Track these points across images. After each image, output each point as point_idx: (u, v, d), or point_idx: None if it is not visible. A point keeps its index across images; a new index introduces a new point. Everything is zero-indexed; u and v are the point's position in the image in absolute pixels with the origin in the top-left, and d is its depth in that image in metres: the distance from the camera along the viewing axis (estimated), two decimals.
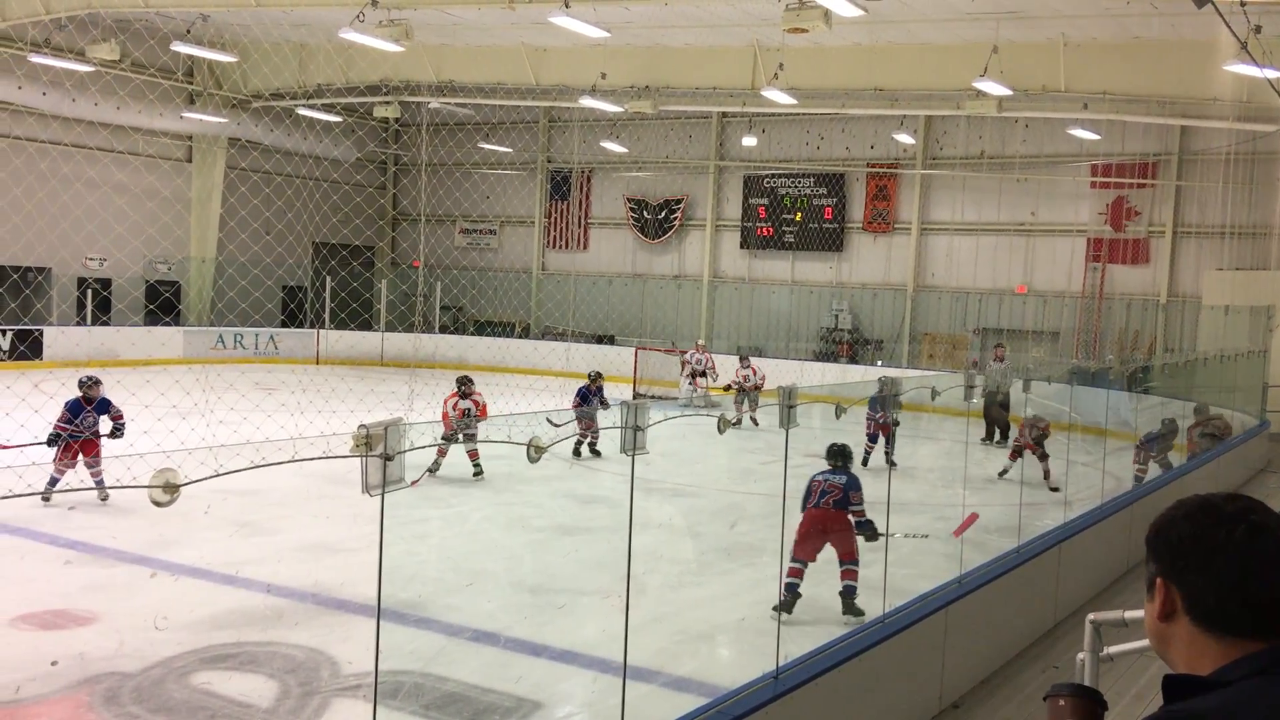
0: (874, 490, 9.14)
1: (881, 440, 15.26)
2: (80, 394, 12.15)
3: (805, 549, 8.66)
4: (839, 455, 9.20)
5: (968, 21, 20.16)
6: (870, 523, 8.66)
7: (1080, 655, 4.46)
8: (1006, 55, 19.92)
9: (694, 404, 22.91)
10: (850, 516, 8.71)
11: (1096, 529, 10.01)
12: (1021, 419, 15.18)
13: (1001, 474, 14.99)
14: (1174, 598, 1.68)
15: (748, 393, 21.70)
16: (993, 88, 19.88)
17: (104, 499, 11.48)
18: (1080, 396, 15.04)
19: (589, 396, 17.40)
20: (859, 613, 8.24)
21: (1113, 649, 4.57)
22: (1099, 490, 11.77)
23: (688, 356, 24.52)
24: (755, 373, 22.24)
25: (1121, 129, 25.98)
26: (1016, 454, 14.94)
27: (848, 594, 8.55)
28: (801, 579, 8.61)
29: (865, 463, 15.09)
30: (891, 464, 10.21)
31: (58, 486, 11.38)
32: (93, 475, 11.60)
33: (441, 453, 13.42)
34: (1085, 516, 10.30)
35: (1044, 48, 21.13)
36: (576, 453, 15.92)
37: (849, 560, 8.69)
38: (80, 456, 11.72)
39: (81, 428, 11.73)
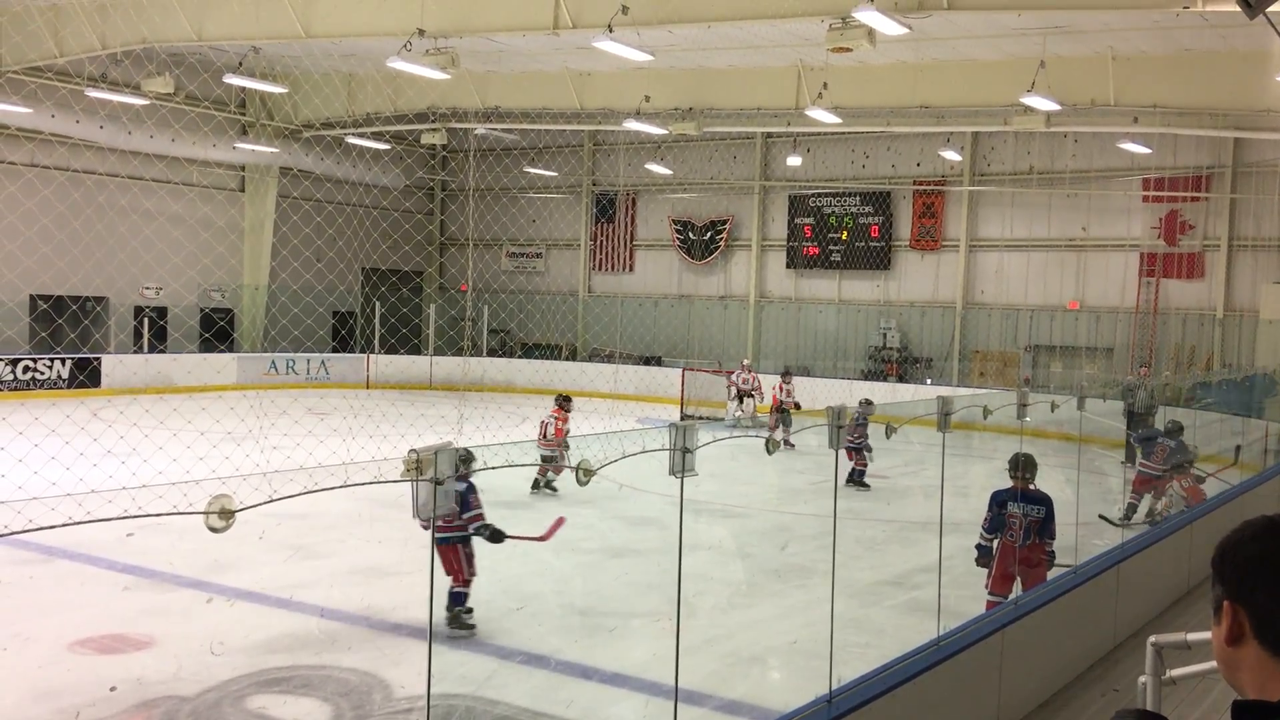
0: (927, 509, 9.03)
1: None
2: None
3: (1006, 585, 8.31)
4: (1028, 467, 8.34)
5: (1014, 37, 20.01)
6: (1054, 552, 8.42)
7: (1142, 678, 4.37)
8: (1054, 70, 19.74)
9: (741, 425, 22.85)
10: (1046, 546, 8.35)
11: (1156, 548, 9.82)
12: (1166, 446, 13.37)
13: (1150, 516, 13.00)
14: (1242, 621, 1.64)
15: (784, 413, 21.44)
16: (1041, 103, 19.69)
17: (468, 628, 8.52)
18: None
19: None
20: None
21: (1175, 672, 4.48)
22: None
23: (734, 377, 24.46)
24: (791, 392, 21.93)
25: (1173, 142, 25.63)
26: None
27: None
28: None
29: (1129, 517, 12.95)
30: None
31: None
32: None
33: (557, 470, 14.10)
34: (1144, 536, 10.11)
35: (1092, 62, 20.91)
36: (862, 482, 16.07)
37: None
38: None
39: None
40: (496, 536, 8.35)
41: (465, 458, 8.53)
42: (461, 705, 7.07)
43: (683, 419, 20.83)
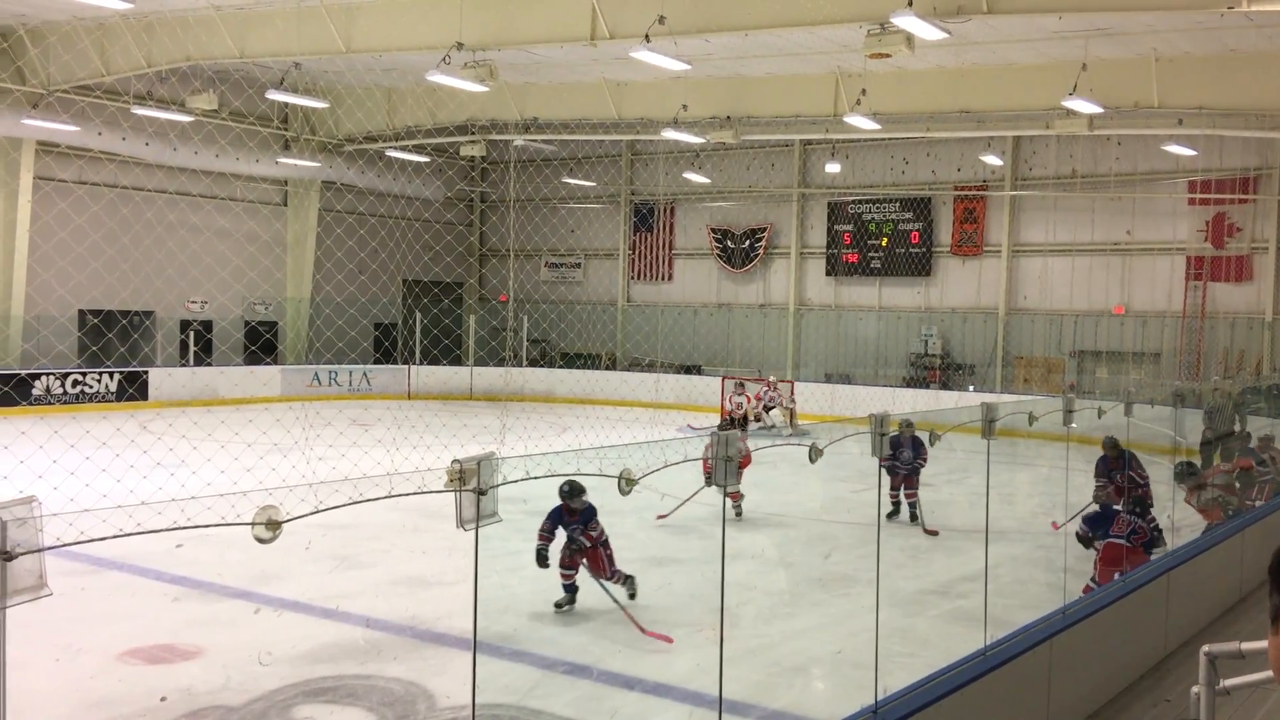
0: (972, 517, 8.94)
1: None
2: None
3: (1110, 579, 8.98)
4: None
5: (1055, 40, 19.83)
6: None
7: (1195, 688, 4.30)
8: (1096, 72, 19.53)
9: (768, 432, 22.92)
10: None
11: (1206, 556, 9.66)
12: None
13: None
14: None
15: (744, 424, 20.82)
16: (1083, 106, 19.49)
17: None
18: (1185, 419, 14.53)
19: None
20: None
21: (1229, 681, 4.40)
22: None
23: (759, 393, 24.40)
24: (749, 401, 21.49)
25: (1219, 144, 25.26)
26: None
27: None
28: None
29: None
30: None
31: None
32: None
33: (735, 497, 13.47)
34: (1194, 543, 9.95)
35: (1135, 64, 20.67)
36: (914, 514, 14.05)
37: None
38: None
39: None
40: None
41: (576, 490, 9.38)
42: (506, 715, 7.09)
43: (723, 427, 20.72)
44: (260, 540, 3.60)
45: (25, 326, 25.82)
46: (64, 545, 3.45)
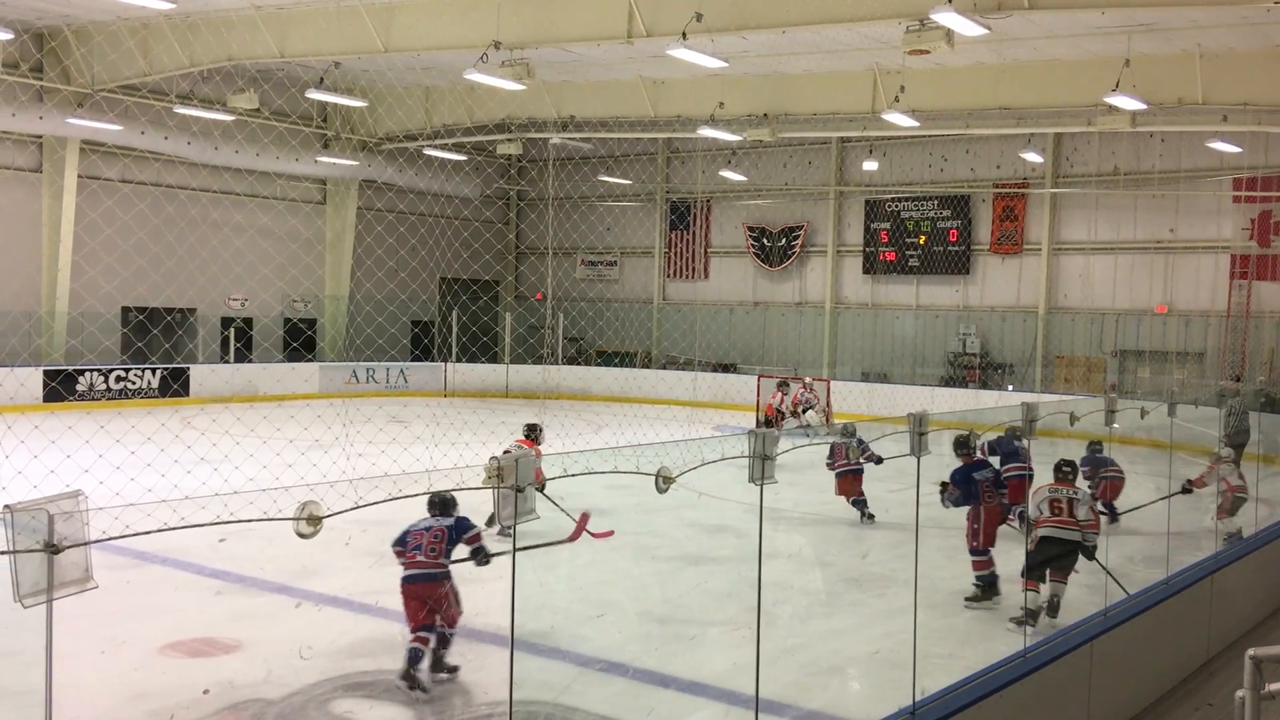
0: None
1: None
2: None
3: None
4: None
5: (1098, 36, 19.60)
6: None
7: (1240, 693, 4.25)
8: (1139, 69, 19.28)
9: (804, 433, 22.83)
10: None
11: (1251, 558, 9.53)
12: None
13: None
14: None
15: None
16: (1125, 102, 19.24)
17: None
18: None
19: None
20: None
21: (1274, 686, 4.35)
22: (1252, 517, 11.20)
23: (797, 394, 24.33)
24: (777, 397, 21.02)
25: (1264, 140, 24.86)
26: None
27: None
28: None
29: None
30: None
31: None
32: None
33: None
34: (1239, 545, 9.81)
35: (1179, 59, 20.39)
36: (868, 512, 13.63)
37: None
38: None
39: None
40: (486, 558, 7.53)
41: (448, 500, 7.69)
42: (541, 712, 7.12)
43: (759, 425, 20.61)
44: (301, 535, 3.64)
45: (70, 323, 26.23)
46: (109, 539, 3.50)
